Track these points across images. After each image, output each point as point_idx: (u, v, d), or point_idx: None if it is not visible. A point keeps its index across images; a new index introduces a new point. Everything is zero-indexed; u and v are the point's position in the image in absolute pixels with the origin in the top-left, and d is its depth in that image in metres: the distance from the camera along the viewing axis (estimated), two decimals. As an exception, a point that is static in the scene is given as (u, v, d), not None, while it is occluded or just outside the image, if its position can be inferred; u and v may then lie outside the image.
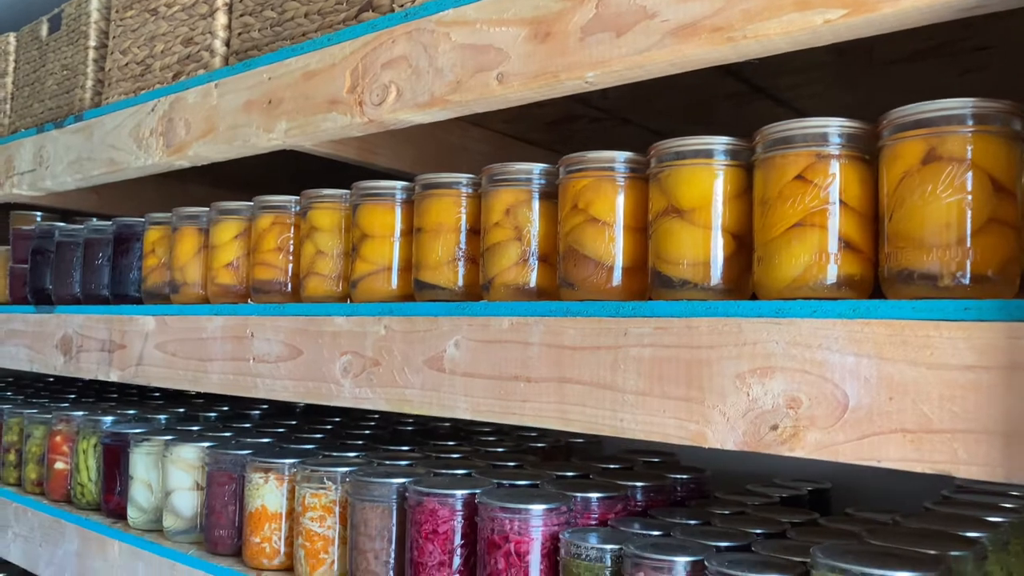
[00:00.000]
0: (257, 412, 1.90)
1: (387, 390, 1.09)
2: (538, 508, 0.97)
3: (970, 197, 0.70)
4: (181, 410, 1.86)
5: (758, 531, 0.97)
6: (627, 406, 0.86)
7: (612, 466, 1.27)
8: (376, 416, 1.89)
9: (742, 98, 1.34)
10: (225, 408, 1.94)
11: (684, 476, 1.22)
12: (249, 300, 1.36)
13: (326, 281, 1.22)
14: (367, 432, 1.61)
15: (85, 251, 1.68)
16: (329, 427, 1.65)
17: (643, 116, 1.48)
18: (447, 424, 1.81)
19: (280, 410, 1.97)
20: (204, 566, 1.31)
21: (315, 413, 1.96)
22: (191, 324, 1.39)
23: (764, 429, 0.77)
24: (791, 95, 1.33)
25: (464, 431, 1.71)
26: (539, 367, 0.94)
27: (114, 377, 1.54)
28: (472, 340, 1.01)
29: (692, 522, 1.02)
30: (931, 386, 0.68)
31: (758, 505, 1.14)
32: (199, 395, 2.28)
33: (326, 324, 1.17)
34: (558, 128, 1.55)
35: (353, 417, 1.90)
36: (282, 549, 1.25)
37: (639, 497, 1.13)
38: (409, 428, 1.75)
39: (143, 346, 1.48)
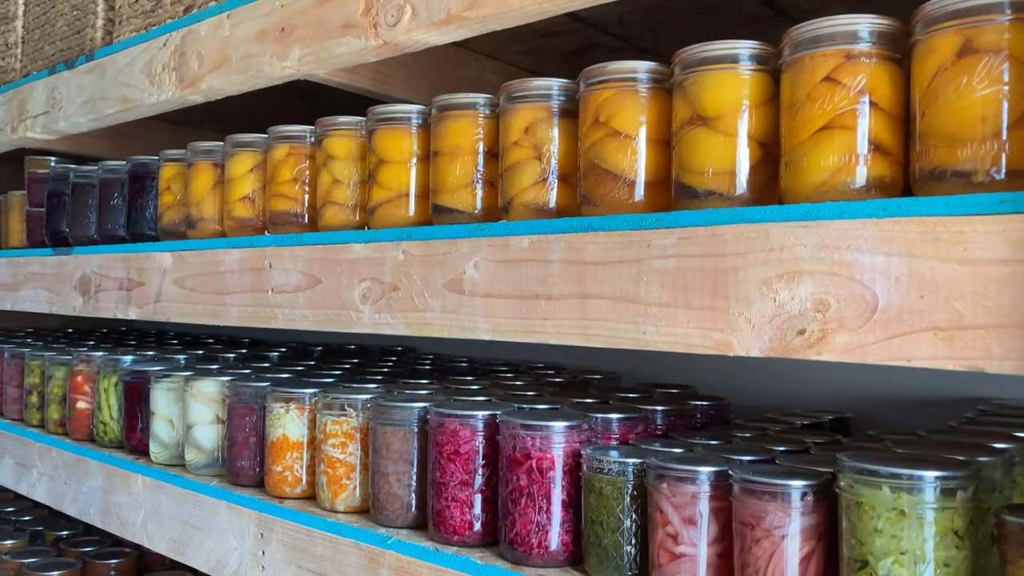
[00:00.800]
0: (275, 354, 1.91)
1: (407, 314, 1.09)
2: (559, 425, 0.97)
3: (1007, 88, 0.68)
4: (200, 352, 1.87)
5: (781, 448, 0.97)
6: (650, 318, 0.86)
7: (632, 395, 1.27)
8: (394, 358, 1.89)
9: (765, 22, 1.31)
10: (244, 351, 1.96)
11: (705, 402, 1.21)
12: (266, 233, 1.35)
13: (343, 210, 1.21)
14: (385, 370, 1.62)
15: (100, 191, 1.68)
16: (347, 367, 1.66)
17: (661, 44, 1.45)
18: (464, 363, 1.81)
19: (298, 353, 1.98)
20: (227, 496, 1.32)
21: (333, 355, 1.96)
22: (208, 258, 1.39)
23: (791, 334, 0.76)
24: (815, 17, 1.29)
25: (482, 368, 1.71)
26: (560, 284, 0.93)
27: (132, 315, 1.55)
28: (492, 261, 1.00)
29: (713, 442, 1.02)
30: (964, 282, 0.67)
31: (780, 429, 1.14)
32: (217, 340, 2.29)
33: (344, 252, 1.17)
34: (574, 59, 1.52)
35: (371, 359, 1.90)
36: (304, 478, 1.26)
37: (659, 421, 1.13)
38: (427, 366, 1.75)
39: (161, 283, 1.48)
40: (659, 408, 1.14)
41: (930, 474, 0.70)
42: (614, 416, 1.06)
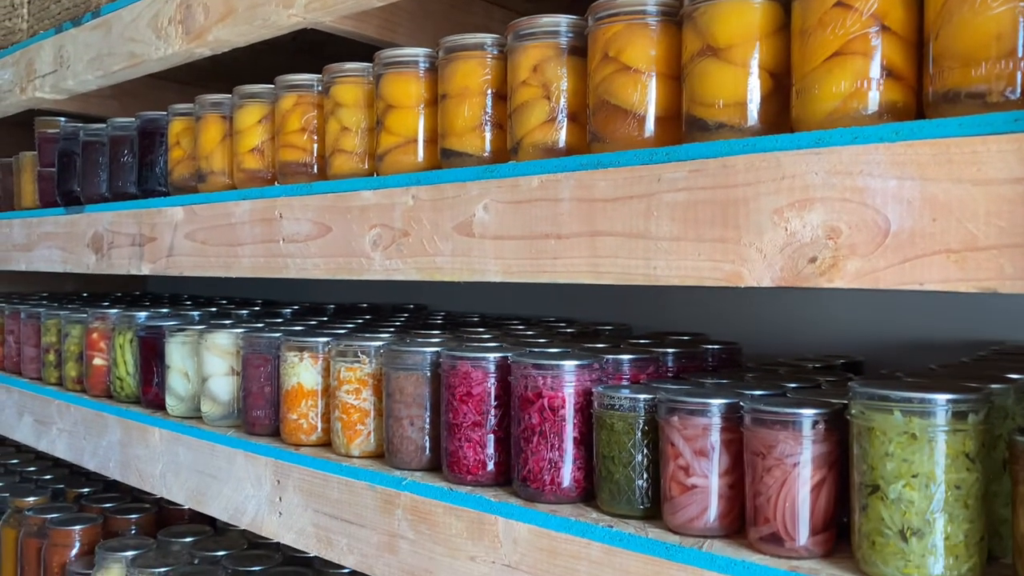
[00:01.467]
0: (288, 311, 1.92)
1: (417, 259, 1.09)
2: (570, 364, 0.98)
3: (1023, 4, 0.66)
4: (213, 309, 1.88)
5: (792, 384, 0.97)
6: (660, 253, 0.85)
7: (643, 341, 1.27)
8: (405, 314, 1.90)
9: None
10: (257, 308, 1.97)
11: (716, 345, 1.21)
12: (276, 184, 1.35)
13: (352, 158, 1.21)
14: (398, 324, 1.63)
15: (111, 149, 1.68)
16: (360, 321, 1.66)
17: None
18: (476, 318, 1.82)
19: (311, 310, 1.99)
20: (243, 445, 1.34)
21: (346, 312, 1.97)
22: (219, 211, 1.39)
23: (802, 262, 0.76)
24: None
25: (494, 322, 1.72)
26: (570, 223, 0.93)
27: (146, 270, 1.56)
28: (501, 202, 1.00)
29: (724, 381, 1.03)
30: (977, 203, 0.66)
31: (791, 370, 1.14)
32: (230, 301, 2.31)
33: (354, 199, 1.17)
34: (583, 7, 1.50)
35: (383, 315, 1.91)
36: (319, 425, 1.28)
37: (670, 363, 1.13)
38: (439, 321, 1.76)
39: (173, 237, 1.49)
40: (670, 350, 1.14)
41: (941, 397, 0.70)
42: (625, 357, 1.06)
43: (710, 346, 1.21)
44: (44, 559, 1.83)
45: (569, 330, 1.53)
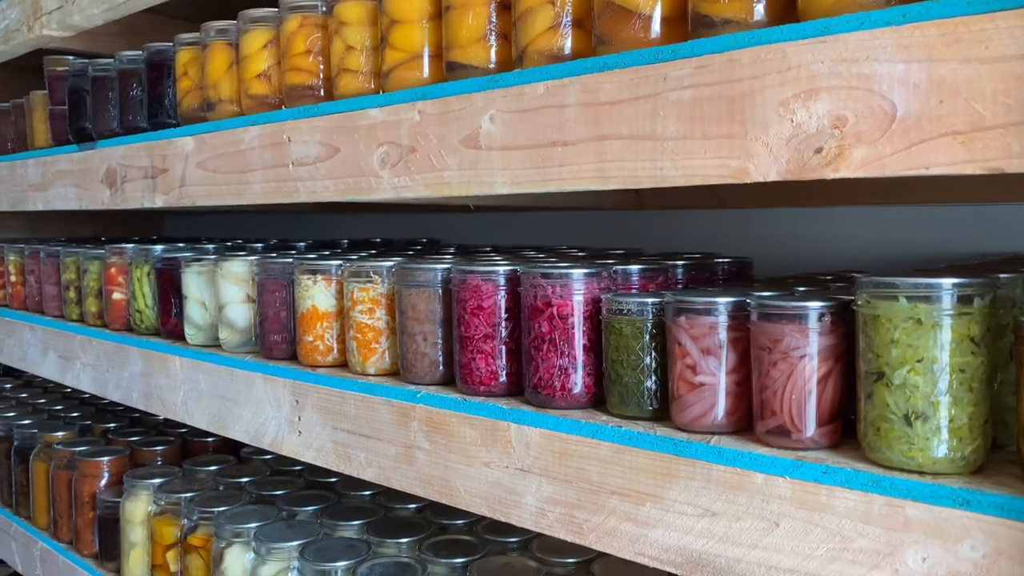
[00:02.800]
0: (302, 244, 1.93)
1: (425, 176, 1.09)
2: (579, 272, 0.99)
3: None
4: (227, 243, 1.90)
5: (800, 288, 0.97)
6: (667, 153, 0.85)
7: (653, 256, 1.28)
8: (418, 246, 1.91)
9: None
10: (271, 243, 1.99)
11: (726, 259, 1.21)
12: (283, 108, 1.35)
13: (357, 77, 1.21)
14: (410, 253, 1.64)
15: (120, 83, 1.68)
16: (373, 252, 1.68)
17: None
18: (488, 249, 1.82)
19: (324, 244, 2.01)
20: (262, 368, 1.36)
21: (359, 246, 1.99)
22: (229, 138, 1.39)
23: (808, 154, 0.75)
24: None
25: (506, 249, 1.72)
26: (576, 129, 0.93)
27: (159, 203, 1.57)
28: (507, 112, 0.99)
29: (733, 288, 1.03)
30: (984, 82, 0.66)
31: (801, 280, 1.15)
32: (245, 240, 2.32)
33: (360, 118, 1.17)
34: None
35: (396, 246, 1.93)
36: (335, 346, 1.30)
37: (679, 274, 1.14)
38: (451, 250, 1.77)
39: (184, 167, 1.50)
40: (679, 262, 1.14)
41: (947, 281, 0.70)
42: (634, 267, 1.07)
43: (720, 260, 1.22)
44: (74, 490, 1.89)
45: (580, 253, 1.54)
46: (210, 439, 2.02)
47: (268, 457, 1.90)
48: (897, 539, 0.71)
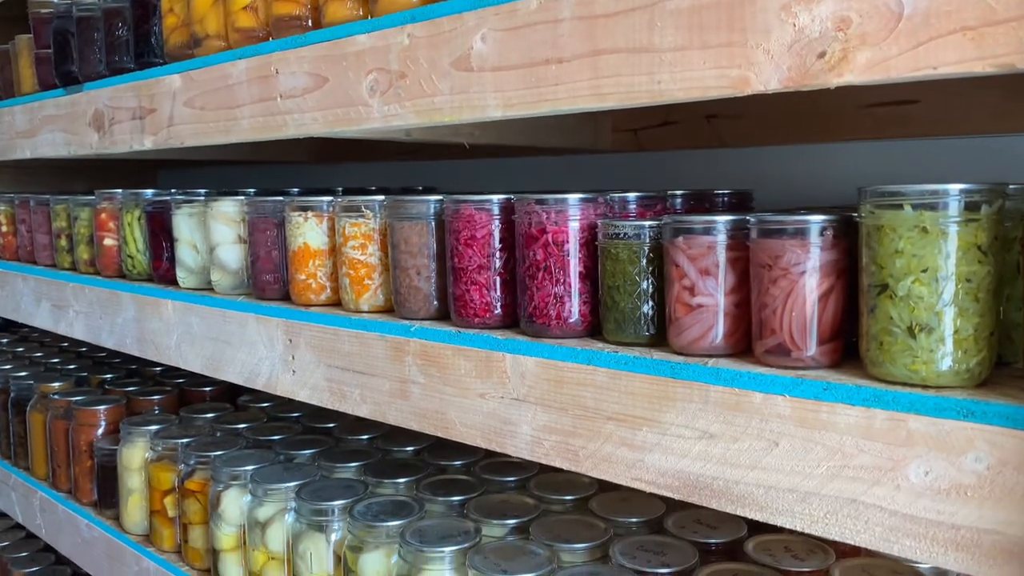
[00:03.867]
0: (296, 190, 1.90)
1: (415, 102, 1.06)
2: (574, 198, 0.96)
3: None
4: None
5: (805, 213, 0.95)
6: (665, 66, 0.82)
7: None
8: (417, 191, 1.89)
9: None
10: (264, 189, 1.95)
11: (725, 191, 1.19)
12: (270, 40, 1.31)
13: (345, 4, 1.17)
14: (404, 194, 1.61)
15: (105, 23, 1.64)
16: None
17: None
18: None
19: (318, 191, 1.98)
20: (255, 308, 1.35)
21: (354, 192, 1.95)
22: (216, 74, 1.36)
23: (811, 59, 0.72)
24: None
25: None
26: (571, 44, 0.89)
27: (148, 144, 1.54)
28: (499, 30, 0.96)
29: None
30: (997, -28, 0.62)
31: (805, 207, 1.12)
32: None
33: (348, 45, 1.13)
34: None
35: (391, 192, 1.89)
36: (327, 285, 1.28)
37: (678, 204, 1.11)
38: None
39: (172, 106, 1.46)
40: (678, 192, 1.12)
41: (954, 187, 0.67)
42: (631, 195, 1.04)
43: (720, 192, 1.19)
44: (72, 439, 1.89)
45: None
46: (207, 388, 2.01)
47: (265, 405, 1.89)
48: (899, 454, 0.70)
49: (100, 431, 1.85)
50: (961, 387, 0.70)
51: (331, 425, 1.71)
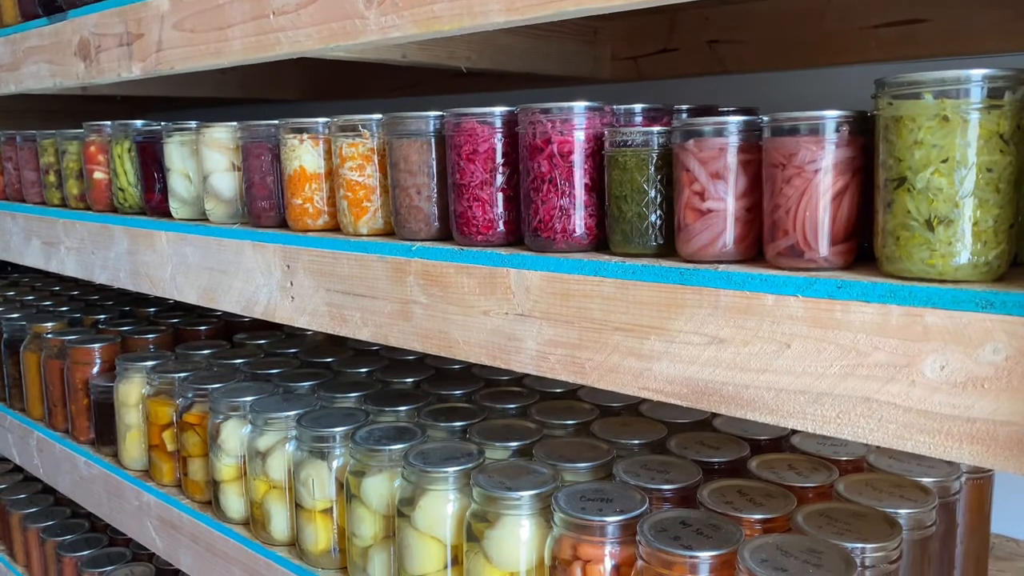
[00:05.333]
0: (287, 124, 1.86)
1: (414, 11, 1.02)
2: (580, 106, 0.94)
3: None
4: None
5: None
6: (675, -40, 0.79)
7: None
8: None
9: None
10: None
11: (731, 107, 1.16)
12: (262, -43, 1.27)
13: (340, -86, 1.12)
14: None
15: (87, -54, 1.58)
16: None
17: None
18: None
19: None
20: (250, 235, 1.32)
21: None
22: (205, -7, 1.31)
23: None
24: None
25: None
26: (577, -57, 0.86)
27: (136, 71, 1.50)
28: (502, -68, 0.92)
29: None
30: None
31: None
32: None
33: (345, -44, 1.09)
34: None
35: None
36: (324, 209, 1.25)
37: (684, 118, 1.08)
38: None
39: (160, 30, 1.42)
40: (684, 106, 1.09)
41: (976, 72, 0.65)
42: (637, 106, 1.01)
43: (725, 108, 1.16)
44: (67, 378, 1.87)
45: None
46: (202, 327, 1.99)
47: (262, 342, 1.87)
48: (915, 349, 0.69)
49: (95, 369, 1.84)
50: (979, 281, 0.69)
51: (329, 360, 1.70)
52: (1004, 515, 1.37)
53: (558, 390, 1.48)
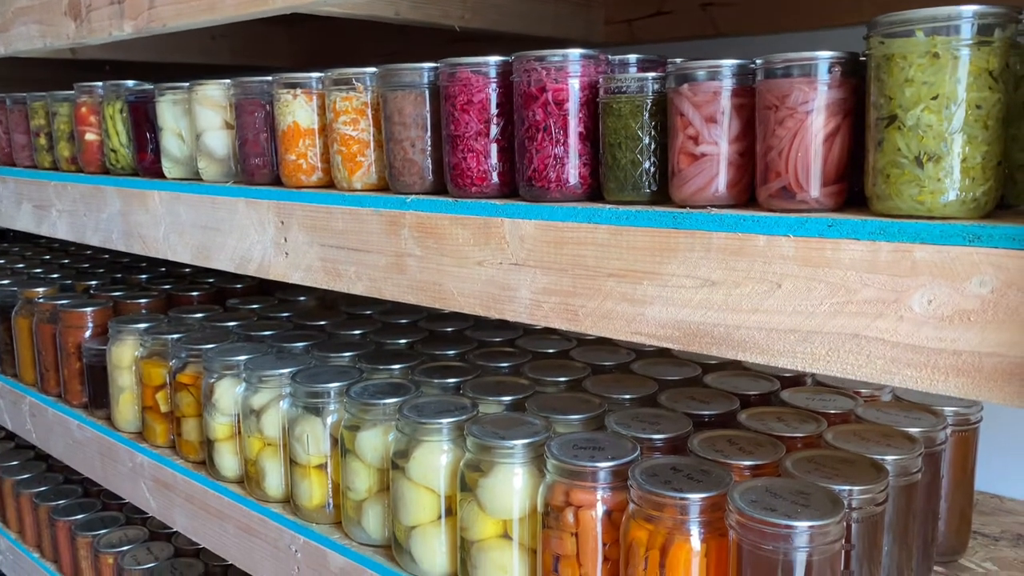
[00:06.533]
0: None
1: (410, -38, 1.03)
2: (575, 53, 0.94)
3: None
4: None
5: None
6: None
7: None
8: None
9: None
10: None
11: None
12: (255, -89, 1.26)
13: None
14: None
15: (77, -96, 1.57)
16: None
17: None
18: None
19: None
20: (244, 192, 1.32)
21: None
22: (198, -52, 1.31)
23: None
24: None
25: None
26: None
27: (128, 29, 1.49)
28: None
29: (735, 76, 0.99)
30: None
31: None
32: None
33: (339, -94, 1.09)
34: None
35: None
36: (318, 165, 1.25)
37: (678, 72, 1.09)
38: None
39: (152, -14, 1.41)
40: (678, 59, 1.09)
41: (967, 8, 0.66)
42: (632, 56, 1.02)
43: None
44: (59, 342, 1.87)
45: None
46: (195, 293, 1.99)
47: (255, 307, 1.88)
48: (903, 285, 0.70)
49: (88, 333, 1.84)
50: (966, 218, 0.70)
51: (322, 323, 1.71)
52: (989, 473, 1.39)
53: (550, 351, 1.49)
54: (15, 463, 2.37)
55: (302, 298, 1.97)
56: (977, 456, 1.21)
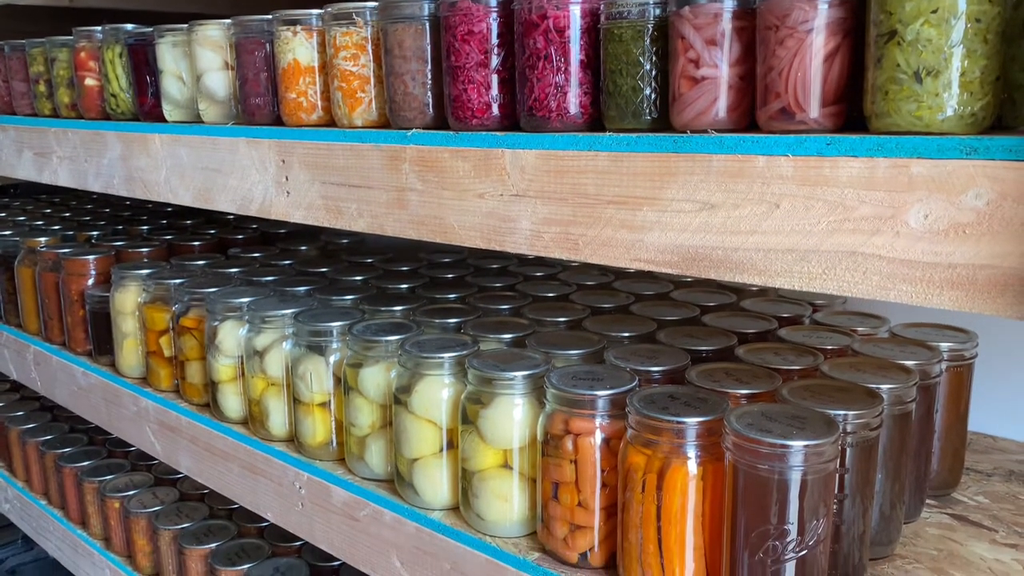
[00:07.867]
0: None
1: None
2: None
3: None
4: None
5: None
6: None
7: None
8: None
9: None
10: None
11: None
12: None
13: None
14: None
15: None
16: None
17: None
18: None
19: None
20: (245, 132, 1.32)
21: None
22: None
23: None
24: None
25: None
26: None
27: (126, -30, 1.48)
28: None
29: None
30: None
31: None
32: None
33: None
34: None
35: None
36: (319, 104, 1.25)
37: (680, 5, 1.09)
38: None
39: (150, -75, 1.40)
40: (679, -7, 1.09)
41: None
42: (632, -13, 1.01)
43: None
44: (62, 290, 1.89)
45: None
46: (196, 243, 2.00)
47: (257, 255, 1.89)
48: (900, 200, 0.70)
49: (91, 280, 1.85)
50: (964, 133, 0.71)
51: (324, 269, 1.72)
52: (982, 413, 1.41)
53: (551, 294, 1.50)
54: (20, 413, 2.40)
55: (304, 248, 1.98)
56: (971, 396, 1.23)
